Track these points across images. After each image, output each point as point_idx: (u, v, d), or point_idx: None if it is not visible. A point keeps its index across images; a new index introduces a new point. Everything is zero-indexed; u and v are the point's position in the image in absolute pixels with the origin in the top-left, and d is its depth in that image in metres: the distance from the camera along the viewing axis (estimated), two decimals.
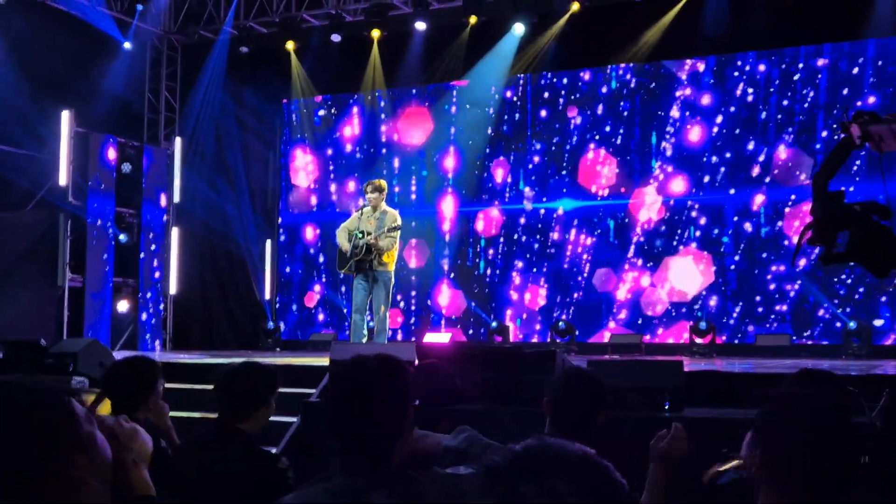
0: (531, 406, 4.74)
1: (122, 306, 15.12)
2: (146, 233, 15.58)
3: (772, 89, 13.56)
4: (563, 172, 14.63)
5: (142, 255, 15.48)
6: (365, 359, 2.73)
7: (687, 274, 13.91)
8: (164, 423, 4.40)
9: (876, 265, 4.07)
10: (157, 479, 2.44)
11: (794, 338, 12.99)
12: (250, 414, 3.89)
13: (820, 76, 13.31)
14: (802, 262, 12.78)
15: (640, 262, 14.13)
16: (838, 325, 12.87)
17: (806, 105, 13.36)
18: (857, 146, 4.28)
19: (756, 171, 13.56)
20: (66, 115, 14.11)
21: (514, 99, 15.01)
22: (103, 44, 14.76)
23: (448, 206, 15.35)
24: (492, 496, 1.89)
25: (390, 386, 2.66)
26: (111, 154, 14.94)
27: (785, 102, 13.47)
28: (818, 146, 13.20)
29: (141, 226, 15.50)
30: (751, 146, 13.61)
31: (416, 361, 7.69)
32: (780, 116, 13.49)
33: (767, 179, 13.51)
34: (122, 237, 15.11)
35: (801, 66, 13.43)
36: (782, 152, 13.43)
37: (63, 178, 14.04)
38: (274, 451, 6.89)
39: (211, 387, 3.97)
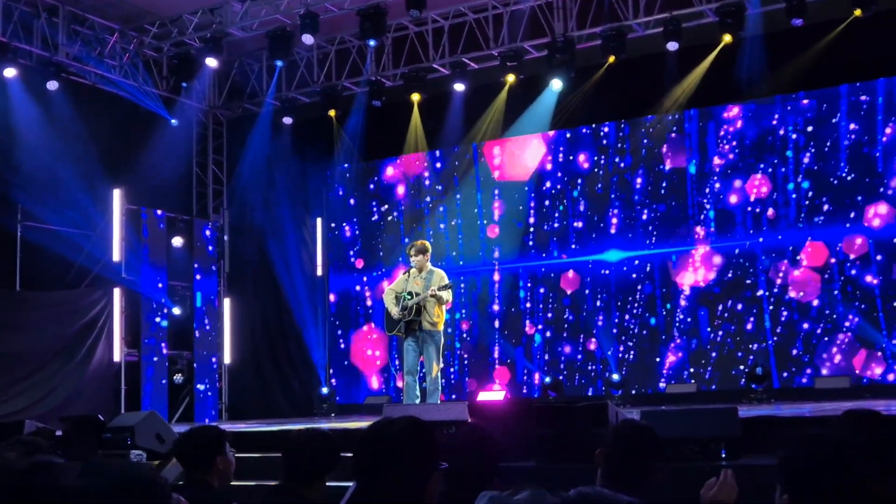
0: (585, 461, 4.72)
1: (178, 378, 15.28)
2: (199, 304, 15.80)
3: (810, 128, 13.48)
4: (608, 225, 14.62)
5: (195, 327, 15.69)
6: (390, 421, 2.80)
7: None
8: None
9: None
10: None
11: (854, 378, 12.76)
12: (314, 481, 3.92)
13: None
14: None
15: (688, 316, 14.04)
16: None
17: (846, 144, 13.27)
18: None
19: (801, 215, 13.45)
20: (117, 193, 14.45)
21: (556, 152, 15.08)
22: (150, 122, 15.12)
23: (494, 263, 15.36)
24: None
25: (414, 448, 2.72)
26: (162, 229, 15.25)
27: (828, 144, 13.37)
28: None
29: (193, 298, 15.73)
30: (793, 190, 13.52)
31: (469, 419, 7.69)
32: (818, 159, 13.39)
33: (821, 220, 13.38)
34: (175, 310, 15.35)
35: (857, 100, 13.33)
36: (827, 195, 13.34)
37: (116, 255, 14.34)
38: None
39: (272, 455, 4.01)
